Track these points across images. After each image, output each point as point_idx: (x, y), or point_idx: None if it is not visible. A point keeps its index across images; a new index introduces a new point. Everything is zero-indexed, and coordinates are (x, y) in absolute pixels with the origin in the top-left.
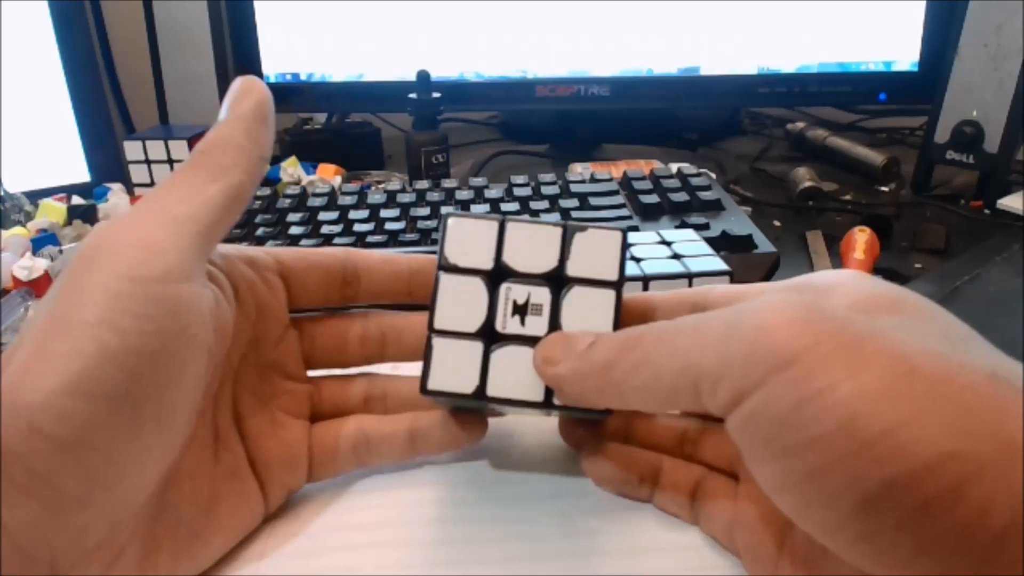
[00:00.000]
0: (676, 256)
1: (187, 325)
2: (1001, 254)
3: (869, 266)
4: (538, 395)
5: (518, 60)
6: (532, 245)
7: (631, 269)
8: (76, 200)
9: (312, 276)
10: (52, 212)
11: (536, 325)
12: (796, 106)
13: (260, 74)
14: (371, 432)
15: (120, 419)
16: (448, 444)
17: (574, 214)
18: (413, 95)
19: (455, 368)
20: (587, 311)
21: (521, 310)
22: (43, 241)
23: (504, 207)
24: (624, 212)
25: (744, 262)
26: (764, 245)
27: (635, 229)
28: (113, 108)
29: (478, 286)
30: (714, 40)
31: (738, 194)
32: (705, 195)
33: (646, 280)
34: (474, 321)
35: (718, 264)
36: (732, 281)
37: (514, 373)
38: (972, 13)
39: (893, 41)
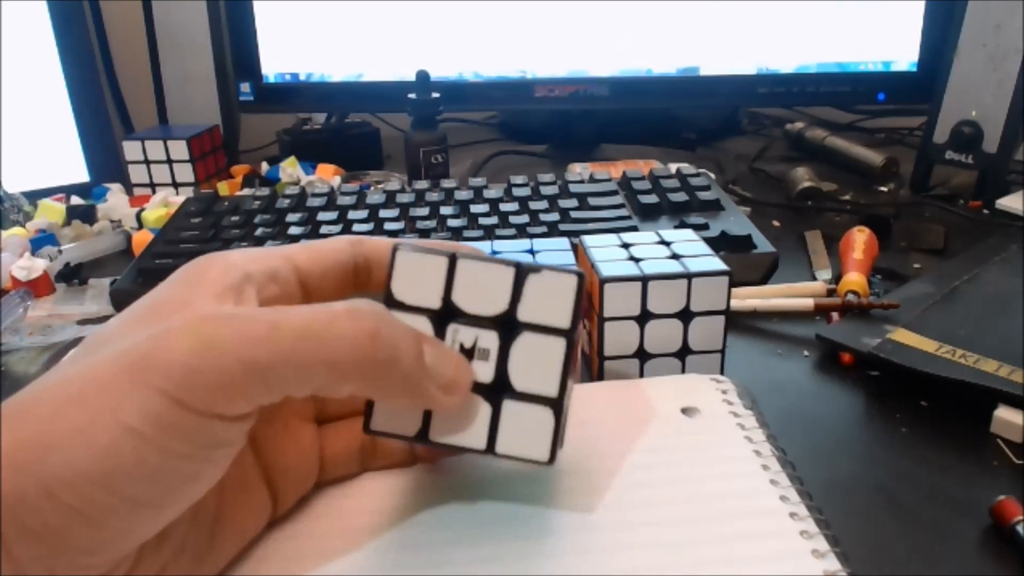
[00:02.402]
0: (675, 256)
1: (231, 450)
2: (1000, 254)
3: (868, 266)
4: (480, 443)
5: (517, 60)
6: (483, 285)
7: (630, 269)
8: (75, 200)
9: (329, 279)
10: (51, 212)
11: (483, 371)
12: (795, 106)
13: (260, 74)
14: (379, 439)
15: (140, 516)
16: (443, 451)
17: (573, 214)
18: (412, 95)
19: (399, 409)
20: (536, 359)
21: (468, 354)
22: (42, 241)
23: (503, 207)
24: (623, 212)
25: (743, 262)
26: (763, 245)
27: (634, 229)
28: (112, 108)
29: (425, 326)
30: (713, 40)
31: (737, 194)
32: (704, 195)
33: (645, 280)
34: None
35: (717, 264)
36: (731, 281)
37: (457, 418)
38: (971, 13)
39: (892, 41)
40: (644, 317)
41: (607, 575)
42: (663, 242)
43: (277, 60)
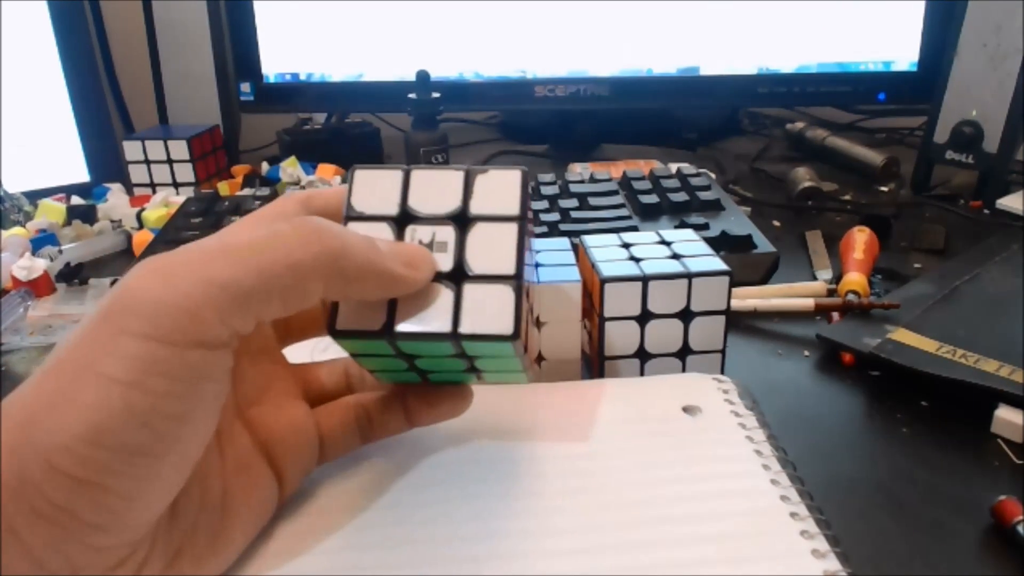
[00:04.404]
0: (675, 256)
1: (215, 387)
2: (1000, 254)
3: (868, 266)
4: (445, 326)
5: (517, 60)
6: (436, 189)
7: (631, 269)
8: (75, 200)
9: None
10: (51, 212)
11: (442, 261)
12: (795, 106)
13: (260, 74)
14: (371, 408)
15: (139, 469)
16: (437, 416)
17: (573, 214)
18: (412, 95)
19: (363, 308)
20: (491, 244)
21: (427, 247)
22: (42, 241)
23: None
24: (624, 212)
25: (744, 262)
26: (763, 245)
27: (635, 229)
28: (112, 108)
29: (385, 230)
30: (714, 40)
31: (737, 194)
32: (704, 195)
33: (645, 280)
34: None
35: (717, 264)
36: (732, 281)
37: (420, 307)
38: (971, 13)
39: (892, 41)
40: (645, 317)
41: (607, 575)
42: (663, 242)
43: (277, 60)
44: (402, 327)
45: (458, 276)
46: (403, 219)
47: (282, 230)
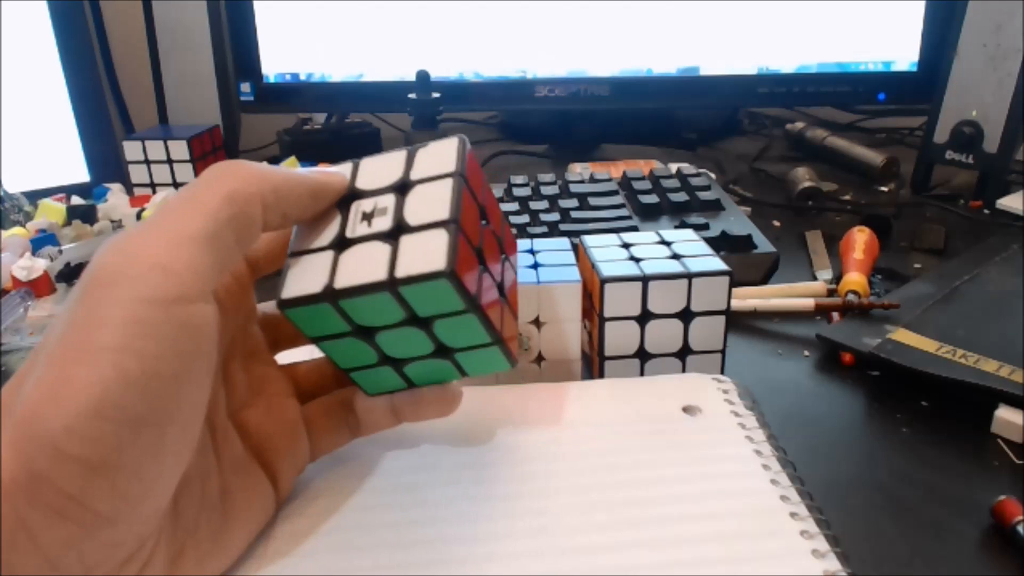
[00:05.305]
0: (675, 256)
1: (202, 344)
2: (1000, 254)
3: (868, 266)
4: (381, 275)
5: (517, 60)
6: (381, 169)
7: (631, 269)
8: (75, 200)
9: (271, 259)
10: (51, 212)
11: (381, 223)
12: (795, 106)
13: (260, 74)
14: (358, 404)
15: (144, 440)
16: (423, 413)
17: (573, 214)
18: (412, 95)
19: (307, 277)
20: (428, 199)
21: (369, 216)
22: (42, 241)
23: (503, 207)
24: (623, 212)
25: (744, 262)
26: (763, 245)
27: (635, 229)
28: (112, 108)
29: (331, 210)
30: (714, 40)
31: (737, 194)
32: (704, 195)
33: (645, 280)
34: (327, 238)
35: (717, 264)
36: (732, 281)
37: (359, 264)
38: (971, 13)
39: (892, 41)
40: (645, 317)
41: (607, 574)
42: (663, 242)
43: (277, 60)
44: (341, 284)
45: (396, 232)
46: (349, 199)
47: (203, 176)
